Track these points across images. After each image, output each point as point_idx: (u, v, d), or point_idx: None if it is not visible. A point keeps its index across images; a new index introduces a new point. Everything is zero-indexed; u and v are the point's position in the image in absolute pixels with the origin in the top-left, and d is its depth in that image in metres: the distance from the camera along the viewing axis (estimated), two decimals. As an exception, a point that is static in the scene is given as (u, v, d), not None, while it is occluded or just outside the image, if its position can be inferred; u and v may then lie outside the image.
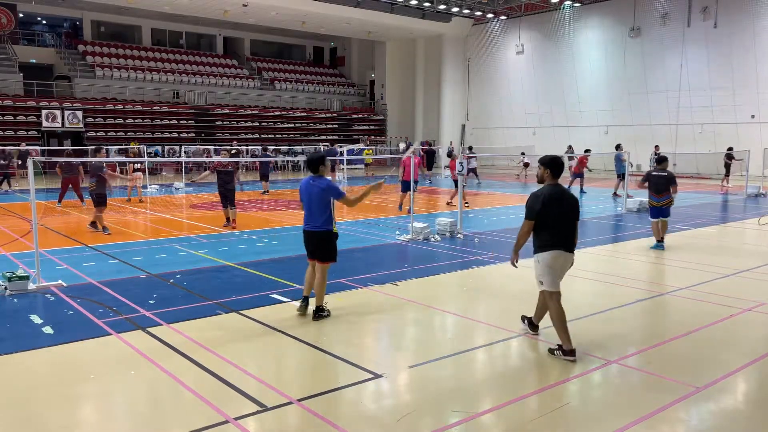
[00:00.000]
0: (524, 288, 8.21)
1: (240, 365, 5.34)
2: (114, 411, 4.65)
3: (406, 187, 15.36)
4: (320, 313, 6.68)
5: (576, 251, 5.78)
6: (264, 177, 22.09)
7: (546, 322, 5.90)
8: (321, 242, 6.71)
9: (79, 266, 9.27)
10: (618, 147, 21.45)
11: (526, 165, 30.75)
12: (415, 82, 44.80)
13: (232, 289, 7.96)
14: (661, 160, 11.09)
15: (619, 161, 20.50)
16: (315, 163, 6.75)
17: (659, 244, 10.90)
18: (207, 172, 14.41)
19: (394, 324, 6.77)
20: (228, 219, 13.36)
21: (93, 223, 12.68)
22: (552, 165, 5.65)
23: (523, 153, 31.47)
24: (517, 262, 5.93)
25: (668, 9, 32.34)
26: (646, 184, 11.06)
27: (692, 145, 30.91)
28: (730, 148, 25.74)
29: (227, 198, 13.20)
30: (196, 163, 28.57)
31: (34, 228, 8.26)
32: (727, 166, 25.42)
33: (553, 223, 5.55)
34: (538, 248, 5.66)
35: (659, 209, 10.83)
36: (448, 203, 17.96)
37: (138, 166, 19.25)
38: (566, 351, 5.49)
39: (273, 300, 7.43)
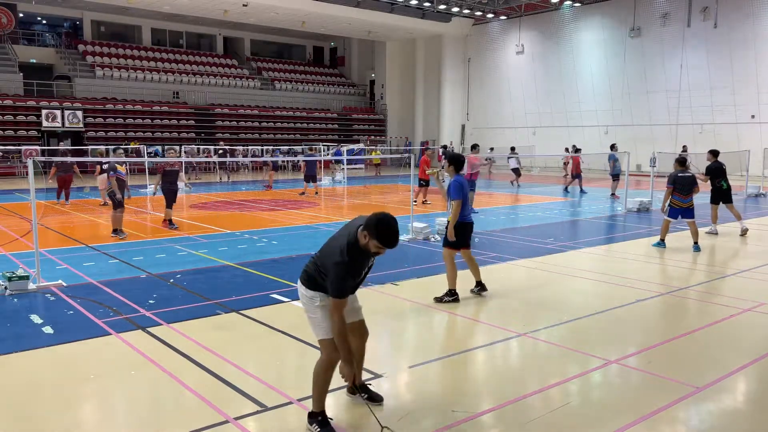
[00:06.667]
0: (525, 287, 8.22)
1: (240, 365, 5.34)
2: (114, 411, 4.65)
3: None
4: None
5: (576, 251, 5.79)
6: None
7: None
8: None
9: (79, 266, 9.27)
10: (613, 147, 21.16)
11: (566, 164, 26.81)
12: (415, 82, 44.81)
13: (232, 289, 7.96)
14: (683, 162, 11.15)
15: (615, 161, 20.25)
16: (464, 162, 7.77)
17: (662, 243, 11.00)
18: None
19: (394, 324, 6.77)
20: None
21: (114, 230, 12.03)
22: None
23: (567, 149, 27.75)
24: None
25: (668, 9, 32.36)
26: (672, 186, 10.97)
27: (692, 145, 30.93)
28: (684, 149, 25.66)
29: None
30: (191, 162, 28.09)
31: (34, 228, 8.26)
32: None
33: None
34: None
35: (683, 210, 10.86)
36: (423, 202, 18.08)
37: (105, 167, 15.76)
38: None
39: (273, 300, 7.43)
